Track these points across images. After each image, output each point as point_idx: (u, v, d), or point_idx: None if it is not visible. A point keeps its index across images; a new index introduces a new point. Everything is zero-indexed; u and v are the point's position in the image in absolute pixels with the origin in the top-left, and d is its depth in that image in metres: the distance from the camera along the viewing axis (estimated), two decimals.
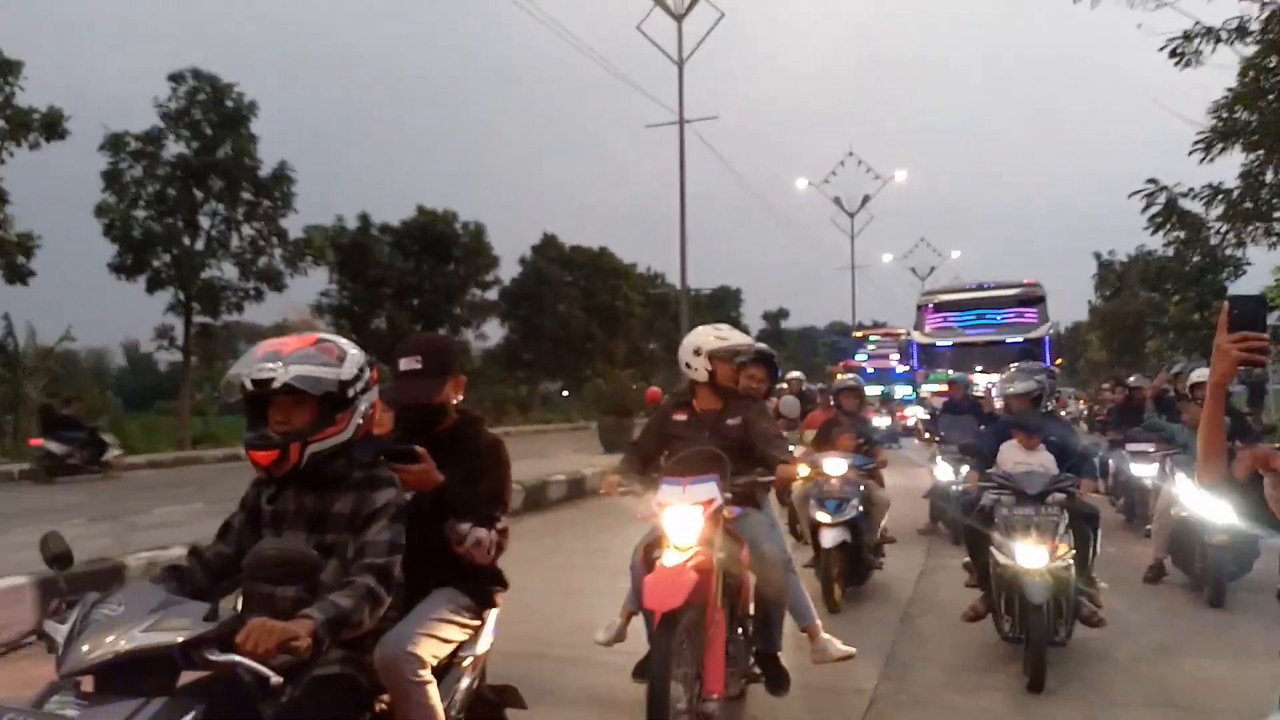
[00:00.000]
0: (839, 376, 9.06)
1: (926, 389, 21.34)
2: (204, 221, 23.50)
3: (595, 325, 43.23)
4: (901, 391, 24.62)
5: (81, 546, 3.45)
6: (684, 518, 3.83)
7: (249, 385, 2.36)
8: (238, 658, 1.97)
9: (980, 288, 22.82)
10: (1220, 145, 15.19)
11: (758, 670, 4.35)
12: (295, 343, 2.46)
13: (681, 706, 3.55)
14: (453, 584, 2.82)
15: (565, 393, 45.67)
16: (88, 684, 1.94)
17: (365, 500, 2.44)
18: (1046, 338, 20.21)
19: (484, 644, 2.96)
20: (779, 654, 4.34)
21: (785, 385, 11.36)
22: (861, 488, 6.86)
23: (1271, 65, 15.40)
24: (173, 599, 2.10)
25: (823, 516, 6.59)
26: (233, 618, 2.05)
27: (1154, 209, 15.99)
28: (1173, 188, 15.99)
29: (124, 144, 22.86)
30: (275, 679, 1.99)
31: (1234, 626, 6.04)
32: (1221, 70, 15.78)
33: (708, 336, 4.43)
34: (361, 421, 2.50)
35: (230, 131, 23.54)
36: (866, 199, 45.46)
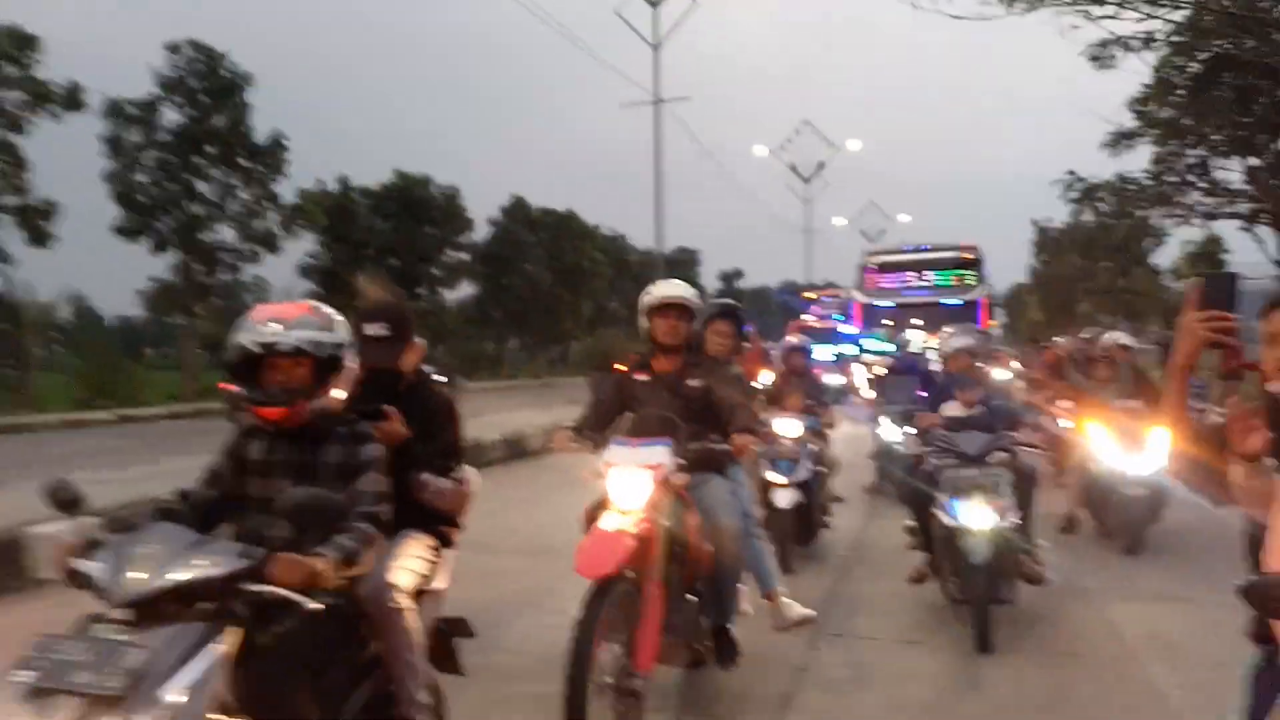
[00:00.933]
0: (788, 337, 8.86)
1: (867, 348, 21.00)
2: (202, 187, 24.81)
3: (561, 285, 44.85)
4: (850, 351, 25.49)
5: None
6: (629, 480, 3.65)
7: (254, 348, 2.60)
8: (276, 588, 2.22)
9: (919, 250, 23.03)
10: (1126, 142, 17.47)
11: (709, 643, 4.13)
12: (294, 309, 2.72)
13: (609, 680, 3.40)
14: (415, 527, 3.12)
15: (524, 351, 47.47)
16: (126, 614, 2.08)
17: (352, 453, 2.72)
18: (980, 299, 20.59)
19: (443, 580, 3.26)
20: (730, 627, 4.17)
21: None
22: (813, 448, 7.01)
23: (1180, 65, 17.68)
24: (202, 538, 2.32)
25: (775, 477, 6.61)
26: (264, 555, 2.27)
27: (1072, 194, 18.33)
28: (1087, 179, 18.37)
29: (122, 111, 23.98)
30: (312, 605, 2.25)
31: (1151, 571, 6.60)
32: (1132, 74, 17.98)
33: (647, 293, 4.29)
34: (345, 382, 2.80)
35: (226, 100, 24.78)
36: (821, 166, 47.55)
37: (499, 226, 43.41)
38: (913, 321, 18.06)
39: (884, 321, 20.68)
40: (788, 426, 6.82)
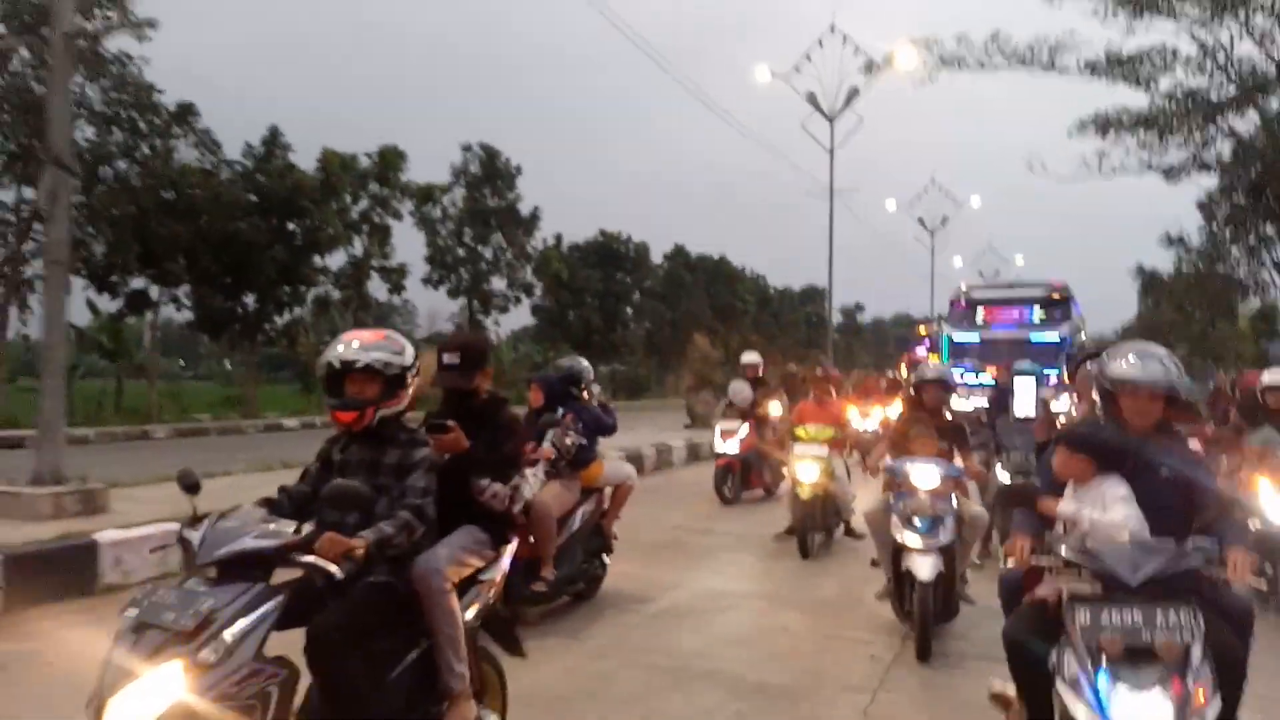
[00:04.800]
0: (920, 365, 7.76)
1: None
2: (484, 249, 33.44)
3: (717, 319, 52.62)
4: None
5: None
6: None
7: (336, 365, 3.20)
8: (315, 559, 2.78)
9: (1011, 285, 23.38)
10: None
11: None
12: (370, 335, 3.33)
13: None
14: (474, 523, 3.61)
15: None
16: (212, 573, 2.72)
17: (407, 455, 3.25)
18: (1068, 338, 20.41)
19: (499, 572, 3.68)
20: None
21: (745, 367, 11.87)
22: (954, 503, 5.53)
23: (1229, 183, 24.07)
24: (271, 518, 2.93)
25: (912, 540, 5.28)
26: (312, 533, 2.84)
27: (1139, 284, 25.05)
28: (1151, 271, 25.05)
29: (430, 194, 32.83)
30: (339, 573, 2.81)
31: None
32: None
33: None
34: (410, 397, 3.33)
35: (505, 186, 33.46)
36: (945, 220, 54.08)
37: (666, 270, 51.45)
38: (999, 361, 18.11)
39: (970, 358, 20.77)
40: (924, 475, 5.51)
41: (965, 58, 20.58)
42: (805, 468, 7.92)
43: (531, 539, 5.54)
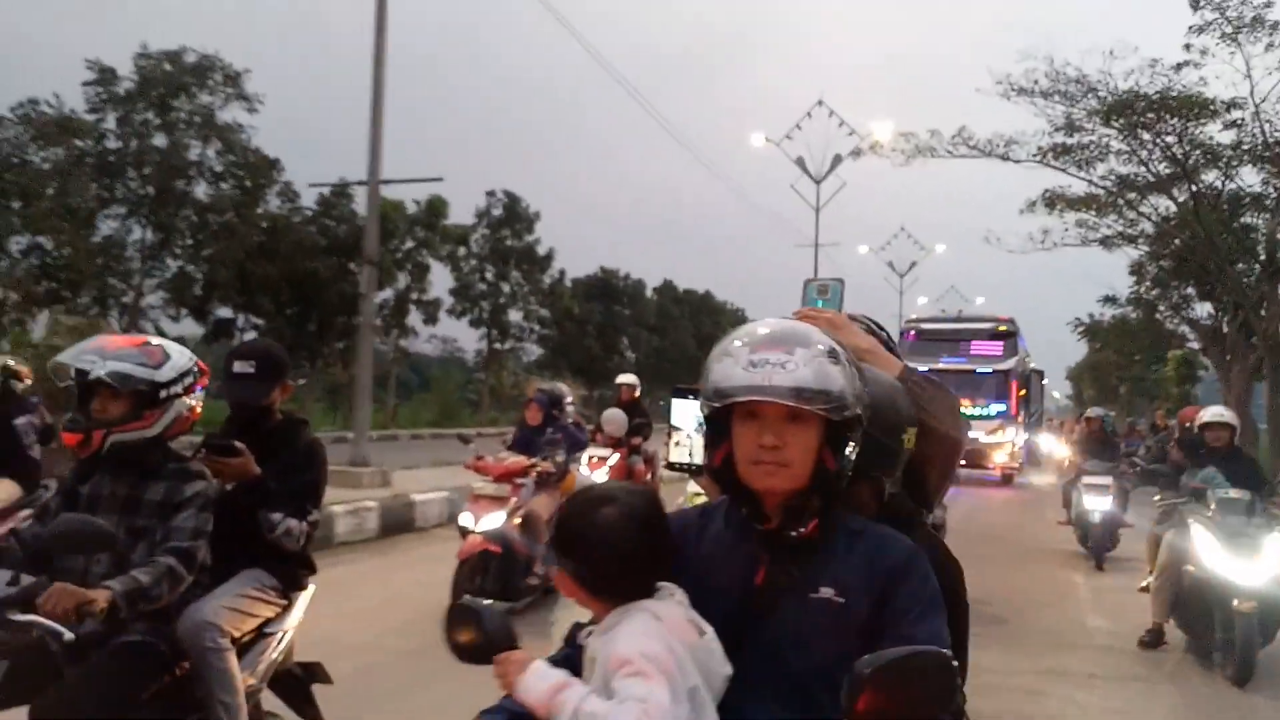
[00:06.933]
0: None
1: None
2: (504, 285, 37.22)
3: (700, 350, 56.76)
4: None
5: None
6: None
7: (71, 373, 2.64)
8: (36, 618, 2.21)
9: (958, 319, 24.22)
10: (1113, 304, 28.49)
11: None
12: (121, 342, 2.74)
13: None
14: (263, 565, 3.06)
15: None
16: None
17: (176, 490, 2.68)
18: (1013, 370, 21.32)
19: (291, 622, 3.16)
20: None
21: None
22: None
23: (1158, 253, 28.48)
24: None
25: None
26: (34, 583, 2.27)
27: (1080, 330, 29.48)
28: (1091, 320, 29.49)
29: (465, 238, 36.57)
30: (68, 635, 2.24)
31: (1265, 709, 5.07)
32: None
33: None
34: (176, 419, 2.74)
35: (524, 229, 37.31)
36: (913, 264, 58.60)
37: (656, 303, 55.45)
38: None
39: None
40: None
41: (935, 148, 24.75)
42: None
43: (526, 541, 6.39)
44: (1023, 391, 22.04)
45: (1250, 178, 23.70)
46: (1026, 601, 7.50)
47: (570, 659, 1.63)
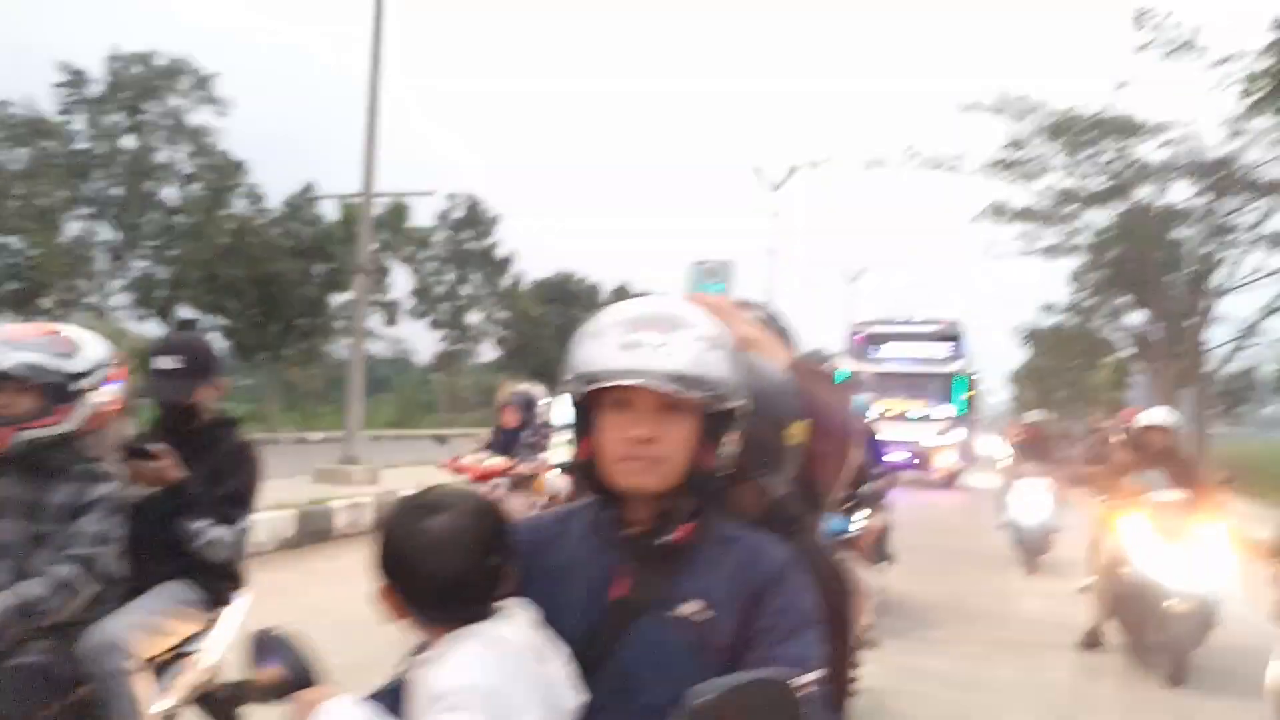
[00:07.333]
0: None
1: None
2: (464, 287, 37.60)
3: None
4: None
5: None
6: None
7: None
8: None
9: (906, 323, 24.13)
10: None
11: None
12: (30, 331, 2.58)
13: None
14: (186, 578, 2.85)
15: None
16: None
17: (82, 492, 2.50)
18: (959, 373, 21.68)
19: (217, 639, 2.94)
20: None
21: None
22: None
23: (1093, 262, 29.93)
24: None
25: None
26: None
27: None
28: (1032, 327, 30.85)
29: (426, 240, 36.86)
30: None
31: (1199, 709, 5.09)
32: None
33: None
34: (90, 415, 2.55)
35: (483, 231, 37.75)
36: (861, 272, 60.02)
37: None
38: (897, 394, 19.73)
39: (867, 390, 22.38)
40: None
41: (886, 160, 25.86)
42: None
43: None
44: (969, 394, 22.57)
45: (1182, 194, 25.16)
46: (965, 605, 7.62)
47: (396, 692, 1.43)
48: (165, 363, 2.95)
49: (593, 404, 1.40)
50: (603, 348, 1.37)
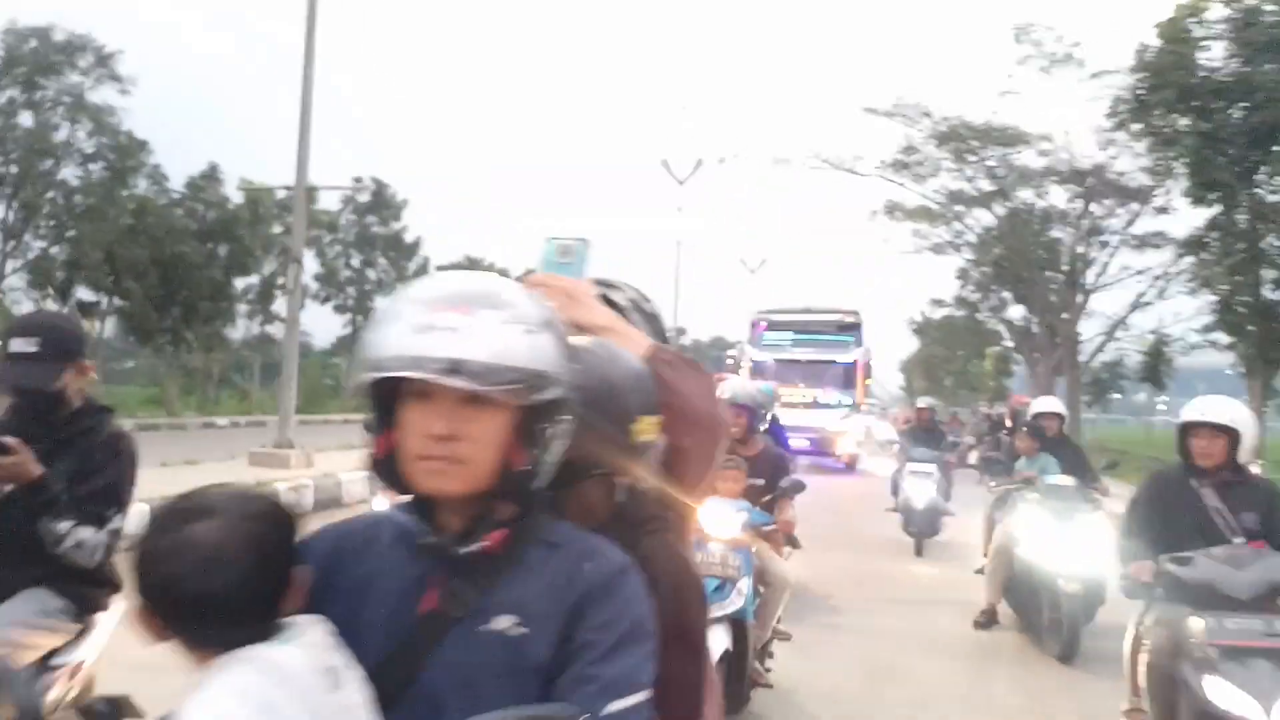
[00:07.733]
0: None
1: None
2: (370, 271, 37.41)
3: None
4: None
5: None
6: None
7: None
8: None
9: (806, 311, 24.07)
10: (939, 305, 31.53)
11: None
12: None
13: None
14: (50, 585, 2.58)
15: None
16: None
17: None
18: (858, 361, 22.10)
19: (88, 651, 2.72)
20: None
21: None
22: (753, 559, 4.35)
23: (978, 260, 31.74)
24: None
25: None
26: None
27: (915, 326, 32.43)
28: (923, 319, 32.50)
29: (335, 224, 36.52)
30: None
31: (1089, 685, 5.19)
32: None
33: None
34: None
35: (391, 215, 37.60)
36: (763, 262, 61.76)
37: None
38: (797, 381, 20.21)
39: (767, 377, 19.19)
40: (720, 519, 4.25)
41: (791, 160, 26.99)
42: None
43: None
44: (868, 381, 23.19)
45: (1059, 198, 27.00)
46: (861, 588, 7.69)
47: None
48: (22, 345, 2.58)
49: (395, 393, 1.20)
50: (394, 331, 1.16)
